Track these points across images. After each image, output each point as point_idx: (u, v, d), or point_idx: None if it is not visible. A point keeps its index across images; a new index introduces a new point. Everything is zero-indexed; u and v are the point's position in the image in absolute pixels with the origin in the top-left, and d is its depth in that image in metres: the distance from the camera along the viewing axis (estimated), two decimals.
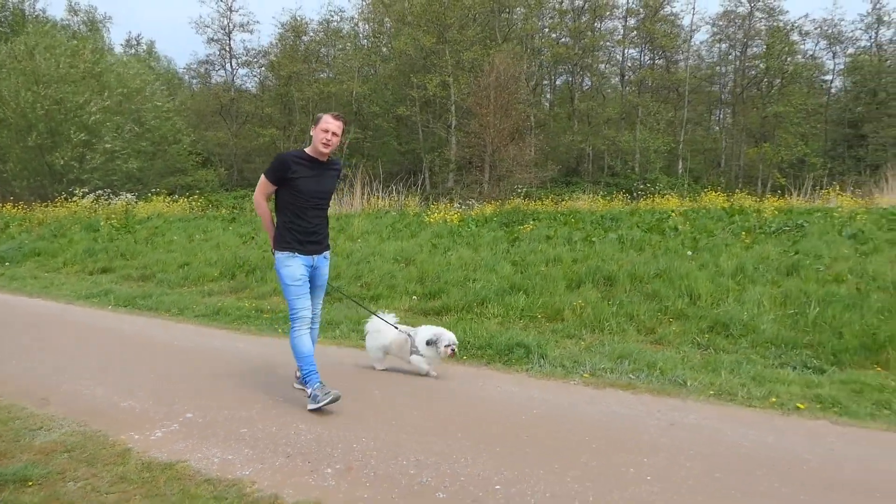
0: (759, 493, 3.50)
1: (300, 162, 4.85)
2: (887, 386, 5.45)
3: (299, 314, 4.92)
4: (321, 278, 5.18)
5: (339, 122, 4.88)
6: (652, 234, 13.48)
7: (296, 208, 4.87)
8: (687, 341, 7.01)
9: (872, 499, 3.44)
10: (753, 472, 3.74)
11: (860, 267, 9.30)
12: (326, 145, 4.81)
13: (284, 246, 4.90)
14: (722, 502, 3.40)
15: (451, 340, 5.61)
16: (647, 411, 4.87)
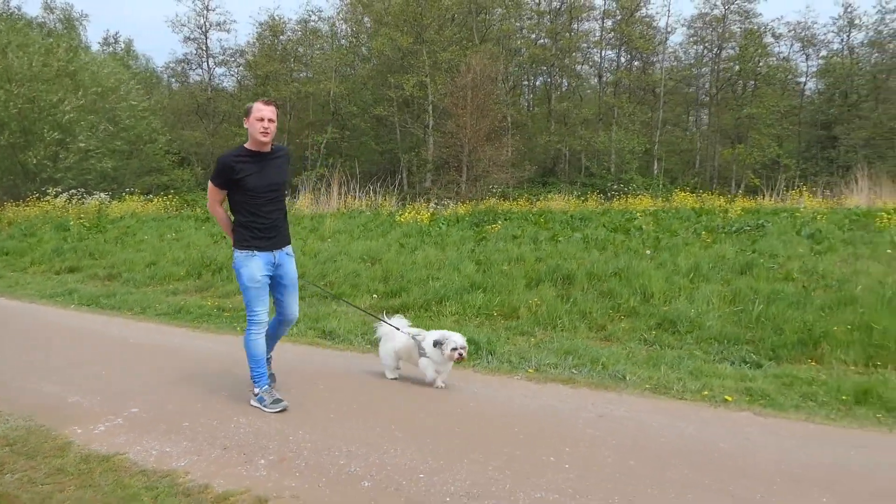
0: (668, 479, 3.67)
1: (242, 160, 4.71)
2: (817, 379, 5.65)
3: (257, 317, 4.84)
4: (288, 276, 5.00)
5: (271, 107, 4.72)
6: (617, 233, 13.70)
7: (250, 206, 4.75)
8: (635, 338, 7.20)
9: (775, 484, 3.62)
10: (667, 460, 3.91)
11: (811, 266, 9.55)
12: (265, 134, 4.66)
13: (243, 245, 4.79)
14: (629, 487, 3.57)
15: (458, 343, 5.26)
16: (581, 405, 5.04)
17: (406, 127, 35.40)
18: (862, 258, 10.55)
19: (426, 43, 33.60)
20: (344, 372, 6.04)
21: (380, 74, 35.88)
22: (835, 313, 7.08)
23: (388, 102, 34.11)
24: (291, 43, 37.97)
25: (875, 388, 5.27)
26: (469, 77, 31.07)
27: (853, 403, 5.13)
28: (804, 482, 3.64)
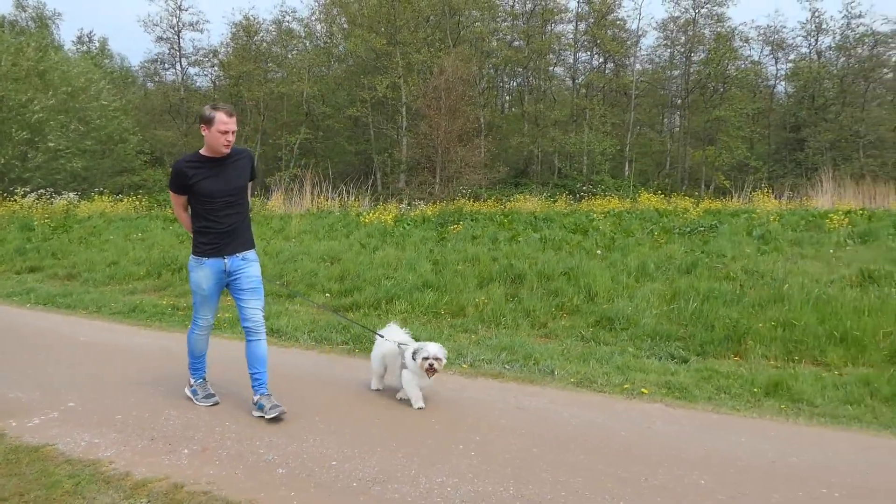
0: (564, 462, 3.91)
1: (195, 165, 4.63)
2: (734, 373, 5.93)
3: (201, 320, 4.99)
4: (248, 281, 4.78)
5: (234, 118, 4.61)
6: (576, 234, 14.00)
7: (205, 212, 4.66)
8: (574, 335, 7.45)
9: (661, 467, 3.87)
10: (567, 447, 4.16)
11: (752, 265, 9.89)
12: (228, 146, 4.61)
13: (195, 251, 4.76)
14: (524, 470, 3.80)
15: (430, 353, 4.90)
16: (503, 397, 5.27)
17: (380, 128, 35.58)
18: (806, 258, 10.95)
19: (400, 44, 33.80)
20: (280, 368, 6.22)
21: (354, 75, 36.00)
22: (764, 311, 7.38)
23: (362, 103, 34.25)
24: (265, 44, 37.97)
25: (785, 381, 5.56)
26: (442, 79, 31.33)
27: (763, 395, 5.41)
28: (690, 466, 3.89)
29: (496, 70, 40.66)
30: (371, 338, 5.97)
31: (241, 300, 4.83)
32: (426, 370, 4.89)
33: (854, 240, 12.65)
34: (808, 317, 6.87)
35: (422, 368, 4.89)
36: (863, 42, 39.90)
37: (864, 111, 38.13)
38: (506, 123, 39.06)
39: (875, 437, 4.51)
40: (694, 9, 38.77)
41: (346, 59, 37.03)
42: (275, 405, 4.67)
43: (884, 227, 14.61)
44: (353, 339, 7.29)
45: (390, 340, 5.24)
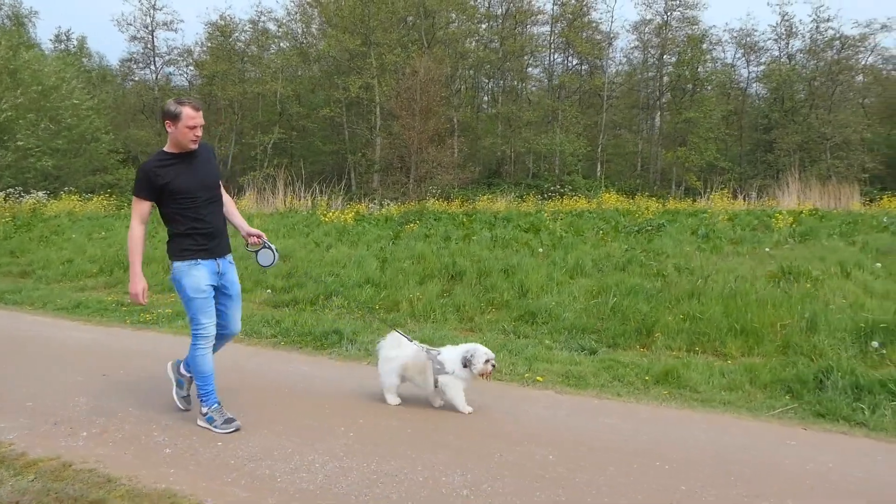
0: (430, 441, 4.21)
1: (165, 163, 4.32)
2: (635, 363, 6.24)
3: (203, 330, 4.42)
4: (234, 286, 4.64)
5: (200, 112, 4.34)
6: (528, 233, 14.32)
7: (188, 211, 4.33)
8: (497, 328, 7.75)
9: (520, 445, 4.17)
10: (439, 427, 4.45)
11: (685, 262, 10.23)
12: (195, 142, 4.32)
13: (186, 254, 4.35)
14: (391, 448, 4.08)
15: (490, 355, 4.81)
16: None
17: (354, 128, 35.80)
18: (742, 255, 11.32)
19: (374, 45, 34.03)
20: None
21: (328, 76, 36.19)
22: (679, 305, 7.71)
23: (336, 104, 34.45)
24: (241, 43, 38.10)
25: (677, 370, 5.87)
26: (414, 80, 31.60)
27: (653, 383, 5.73)
28: (546, 444, 4.19)
29: (474, 71, 41.00)
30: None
31: (228, 307, 4.64)
32: (487, 374, 4.76)
33: (794, 238, 13.05)
34: (715, 310, 7.20)
35: (483, 374, 4.73)
36: (831, 46, 40.61)
37: (832, 114, 38.77)
38: (480, 124, 39.38)
39: (734, 418, 4.84)
40: (665, 11, 39.31)
41: (321, 59, 37.15)
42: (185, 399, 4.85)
43: (827, 226, 15.10)
44: (281, 333, 7.54)
45: (421, 347, 4.98)
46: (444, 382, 4.72)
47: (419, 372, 4.83)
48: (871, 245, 11.46)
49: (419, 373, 4.83)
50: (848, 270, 9.27)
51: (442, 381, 4.73)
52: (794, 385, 5.39)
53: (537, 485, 3.58)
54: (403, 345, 4.97)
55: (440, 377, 4.74)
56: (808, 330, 6.61)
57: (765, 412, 5.00)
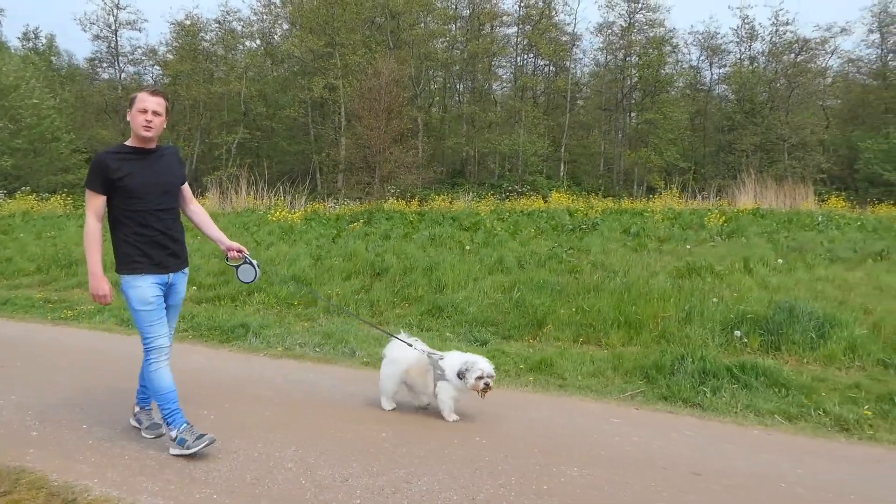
0: (288, 421, 4.52)
1: (123, 157, 3.93)
2: (519, 353, 6.60)
3: (154, 343, 4.03)
4: (177, 296, 4.25)
5: (158, 98, 3.96)
6: (467, 231, 14.67)
7: (135, 215, 3.94)
8: (403, 322, 8.06)
9: (360, 424, 4.49)
10: (298, 408, 4.78)
11: (601, 260, 10.63)
12: (148, 128, 3.90)
13: (131, 266, 3.96)
14: (250, 430, 4.36)
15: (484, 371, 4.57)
16: (285, 373, 5.86)
17: (319, 129, 36.00)
18: (662, 253, 11.75)
19: (338, 46, 34.26)
20: (99, 349, 6.75)
21: (294, 76, 36.37)
22: (576, 299, 8.08)
23: (300, 104, 34.63)
24: (206, 43, 38.14)
25: (552, 359, 6.24)
26: (377, 81, 31.88)
27: (527, 371, 6.08)
28: (384, 423, 4.53)
29: (444, 72, 41.37)
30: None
31: (168, 317, 4.22)
32: (481, 391, 4.53)
33: (721, 237, 13.52)
34: (604, 304, 7.58)
35: (476, 389, 4.52)
36: (790, 49, 41.50)
37: (790, 115, 39.61)
38: (445, 125, 39.72)
39: (580, 400, 5.22)
40: (629, 14, 39.93)
41: (287, 59, 37.31)
42: (154, 424, 4.35)
43: (761, 224, 15.62)
44: (193, 327, 7.81)
45: (422, 351, 4.82)
46: (439, 387, 4.62)
47: (420, 375, 4.72)
48: (784, 243, 11.95)
49: (420, 375, 4.72)
50: (751, 266, 9.71)
51: (438, 385, 4.63)
52: (651, 371, 5.77)
53: (370, 455, 3.91)
54: (407, 349, 4.84)
55: (439, 382, 4.62)
56: (685, 321, 7.01)
57: (615, 395, 5.38)
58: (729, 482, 3.67)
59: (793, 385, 5.37)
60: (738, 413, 4.95)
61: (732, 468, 3.86)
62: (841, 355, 6.11)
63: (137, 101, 3.93)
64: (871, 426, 4.71)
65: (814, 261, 10.25)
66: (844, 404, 5.04)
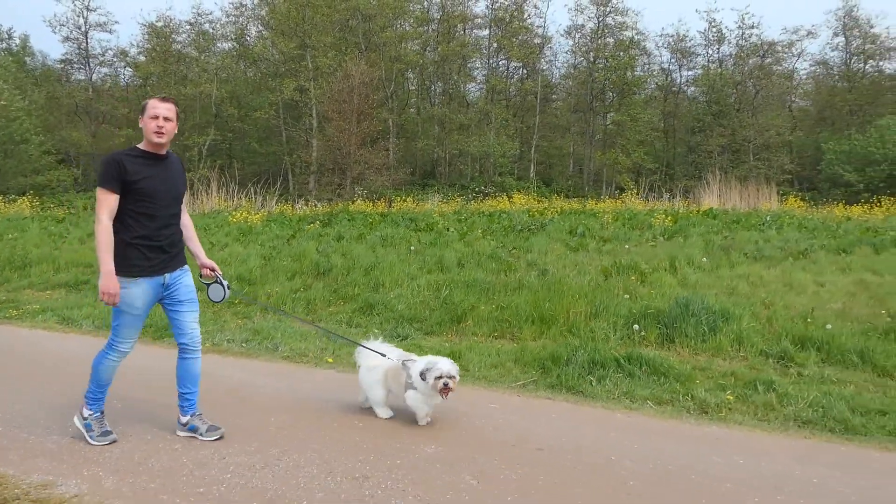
0: (214, 403, 4.84)
1: (136, 159, 4.05)
2: (432, 347, 6.94)
3: (119, 345, 4.18)
4: (184, 290, 4.30)
5: (168, 104, 4.11)
6: (419, 232, 15.07)
7: (146, 218, 4.05)
8: (334, 319, 8.44)
9: (272, 413, 4.84)
10: (214, 396, 5.10)
11: (538, 259, 11.09)
12: (160, 134, 4.05)
13: (128, 269, 4.01)
14: (150, 415, 4.70)
15: (443, 370, 4.44)
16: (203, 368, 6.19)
17: (291, 130, 36.26)
18: (601, 252, 12.21)
19: (309, 48, 34.54)
20: (33, 347, 7.07)
21: (264, 78, 36.61)
22: (500, 296, 8.49)
23: (271, 106, 34.88)
24: (178, 44, 38.27)
25: (460, 352, 6.63)
26: (347, 83, 32.21)
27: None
28: (282, 410, 4.89)
29: (417, 74, 41.78)
30: None
31: (179, 313, 4.30)
32: (440, 391, 4.41)
33: (664, 237, 14.03)
34: (521, 300, 7.99)
35: (435, 389, 4.40)
36: (756, 52, 42.33)
37: (754, 117, 40.42)
38: (418, 127, 40.11)
39: (471, 388, 5.60)
40: (597, 17, 40.56)
41: (258, 61, 37.54)
42: (212, 427, 4.34)
43: (708, 224, 16.16)
44: None
45: (396, 360, 4.73)
46: (407, 395, 4.53)
47: (394, 379, 4.66)
48: (717, 242, 12.47)
49: (394, 380, 4.66)
50: (675, 266, 10.18)
51: (407, 392, 4.54)
52: (547, 362, 6.17)
53: (252, 437, 4.27)
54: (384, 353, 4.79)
55: (408, 390, 4.55)
56: (593, 316, 7.44)
57: (507, 384, 5.79)
58: (565, 456, 4.08)
59: (672, 374, 5.80)
60: (614, 399, 5.37)
61: (575, 445, 4.27)
62: (728, 347, 6.56)
63: (149, 108, 4.07)
64: (731, 409, 5.16)
65: (738, 259, 10.77)
66: (713, 390, 5.48)
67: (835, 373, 6.00)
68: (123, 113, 35.93)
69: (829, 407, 5.04)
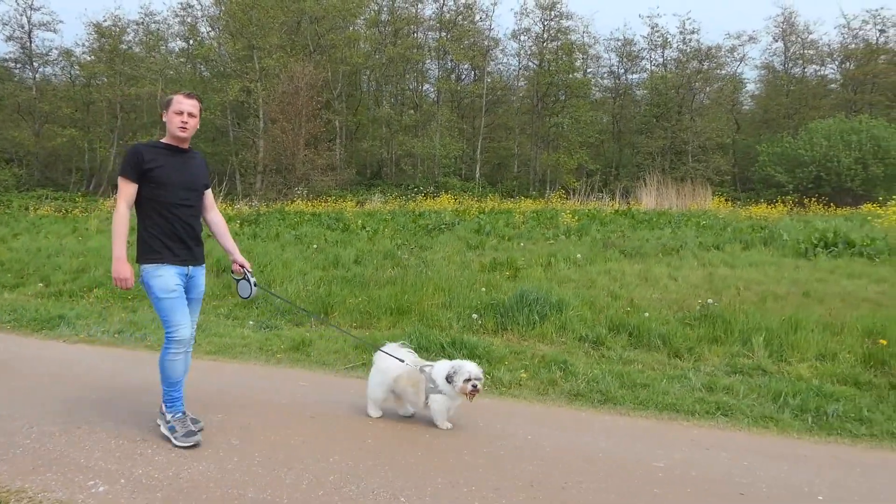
0: (59, 396, 5.39)
1: (157, 150, 4.24)
2: (290, 336, 7.51)
3: (177, 333, 4.19)
4: (197, 290, 4.43)
5: (193, 101, 4.28)
6: (336, 231, 15.66)
7: (161, 206, 4.19)
8: (216, 312, 8.98)
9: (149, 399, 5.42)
10: (64, 380, 5.65)
11: (430, 256, 11.75)
12: (184, 129, 4.22)
13: (152, 256, 4.17)
14: (52, 407, 5.23)
15: (471, 373, 4.51)
16: (68, 356, 6.73)
17: (237, 131, 36.56)
18: (496, 250, 12.92)
19: (256, 49, 34.87)
20: None
21: (210, 79, 36.83)
22: (372, 290, 9.12)
23: (217, 106, 35.12)
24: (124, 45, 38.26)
25: (311, 340, 7.25)
26: (291, 85, 32.65)
27: (289, 349, 7.04)
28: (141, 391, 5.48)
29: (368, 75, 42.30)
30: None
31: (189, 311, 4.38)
32: (468, 393, 4.49)
33: (565, 235, 14.79)
34: (385, 293, 8.65)
35: (463, 392, 4.49)
36: (696, 56, 43.66)
37: (693, 120, 41.71)
38: (366, 128, 40.63)
39: (304, 371, 6.23)
40: (542, 21, 41.52)
41: (204, 62, 37.72)
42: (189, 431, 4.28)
43: (616, 223, 16.99)
44: (15, 319, 8.59)
45: (413, 365, 4.76)
46: (431, 399, 4.58)
47: (412, 385, 4.67)
48: (601, 240, 13.26)
49: (412, 386, 4.67)
50: (551, 262, 10.92)
51: (430, 397, 4.59)
52: None
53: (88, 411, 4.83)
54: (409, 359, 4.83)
55: (431, 395, 4.59)
56: (444, 307, 8.13)
57: (338, 367, 6.42)
58: (327, 421, 4.74)
59: (487, 356, 6.48)
60: None
61: (336, 412, 4.94)
62: (552, 333, 7.27)
63: (174, 104, 4.22)
64: (521, 386, 5.86)
65: (612, 256, 11.55)
66: (514, 370, 6.18)
67: (636, 354, 6.73)
68: (67, 112, 35.88)
69: (601, 382, 5.77)
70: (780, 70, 47.26)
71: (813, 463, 4.22)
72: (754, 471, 4.04)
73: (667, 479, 3.87)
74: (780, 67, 47.36)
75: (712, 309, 7.51)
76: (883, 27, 43.41)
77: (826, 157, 34.37)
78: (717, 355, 6.61)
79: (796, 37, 46.18)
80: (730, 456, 4.25)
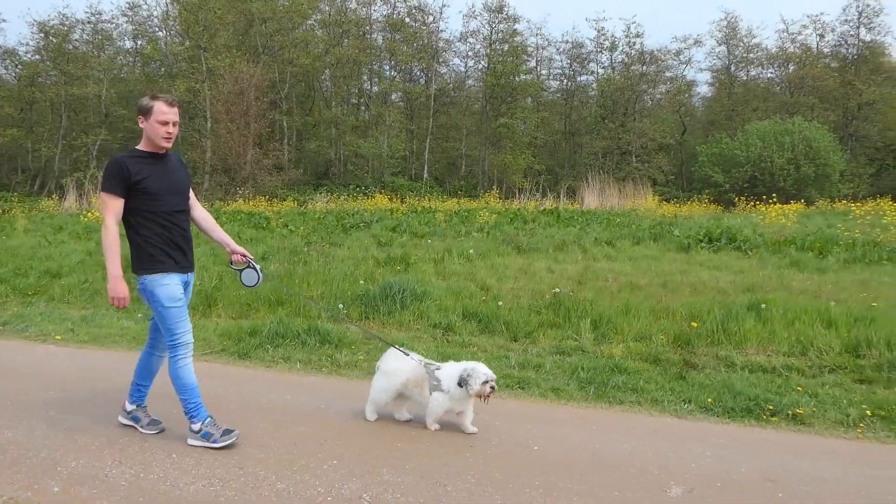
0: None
1: (140, 160, 4.12)
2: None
3: (182, 339, 4.19)
4: (189, 293, 4.42)
5: (176, 109, 4.17)
6: (257, 229, 16.13)
7: (156, 216, 4.13)
8: (107, 305, 9.40)
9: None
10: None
11: (336, 252, 12.31)
12: (169, 139, 4.15)
13: (155, 266, 4.11)
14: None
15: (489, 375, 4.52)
16: None
17: (184, 130, 36.63)
18: (405, 247, 13.51)
19: (203, 49, 35.04)
20: None
21: (157, 79, 36.90)
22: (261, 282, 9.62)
23: None
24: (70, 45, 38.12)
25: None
26: (237, 86, 32.94)
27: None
28: None
29: (295, 78, 42.78)
30: None
31: None
32: (486, 396, 4.50)
33: (478, 233, 15.44)
34: (267, 287, 9.15)
35: (481, 395, 4.49)
36: (640, 60, 44.76)
37: (636, 121, 42.81)
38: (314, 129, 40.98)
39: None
40: (490, 24, 42.33)
41: (150, 62, 37.79)
42: (153, 420, 4.50)
43: (536, 223, 17.71)
44: None
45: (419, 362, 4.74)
46: (433, 397, 4.58)
47: (417, 385, 4.66)
48: (503, 238, 13.94)
49: (417, 386, 4.67)
50: (444, 257, 11.54)
51: (432, 395, 4.58)
52: (244, 335, 7.32)
53: None
54: (404, 359, 4.80)
55: (433, 392, 4.59)
56: (319, 298, 8.69)
57: (202, 353, 6.92)
58: None
59: (337, 343, 7.06)
60: (271, 362, 6.58)
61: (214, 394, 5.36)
62: (409, 321, 7.88)
63: (157, 113, 4.06)
64: (357, 367, 6.43)
65: (505, 251, 12.23)
66: (358, 353, 6.76)
67: (480, 339, 7.35)
68: (8, 112, 35.71)
69: None
70: (723, 74, 48.65)
71: (560, 423, 4.86)
72: (497, 429, 4.66)
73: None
74: (723, 71, 48.75)
75: (559, 297, 8.17)
76: (822, 32, 45.14)
77: (760, 158, 35.55)
78: (550, 338, 7.25)
79: (738, 40, 47.59)
80: (489, 418, 4.85)
